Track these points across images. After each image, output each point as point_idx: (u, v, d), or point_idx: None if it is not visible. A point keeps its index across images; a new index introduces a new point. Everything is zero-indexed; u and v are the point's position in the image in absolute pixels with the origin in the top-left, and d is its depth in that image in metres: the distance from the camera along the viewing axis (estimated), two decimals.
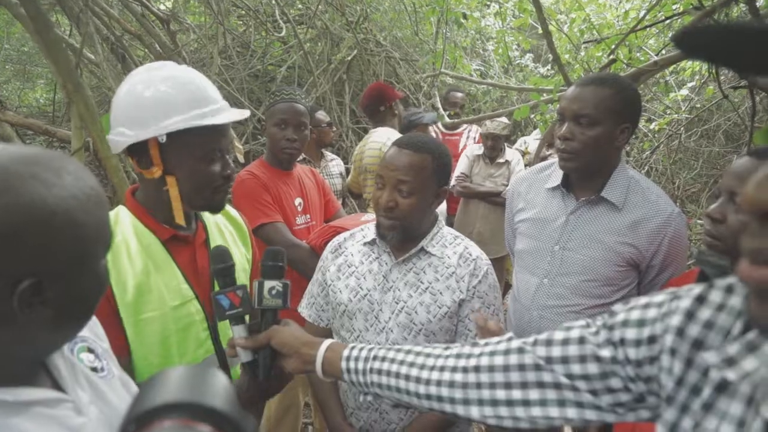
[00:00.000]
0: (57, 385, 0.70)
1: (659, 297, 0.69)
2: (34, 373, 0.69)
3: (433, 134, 4.11)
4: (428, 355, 0.86)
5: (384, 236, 1.37)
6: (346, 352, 0.95)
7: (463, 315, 1.36)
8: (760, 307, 0.50)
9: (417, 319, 1.34)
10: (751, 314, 0.51)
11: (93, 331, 0.86)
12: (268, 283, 1.05)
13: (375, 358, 0.91)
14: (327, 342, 1.00)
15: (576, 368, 0.73)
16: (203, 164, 1.13)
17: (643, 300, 0.71)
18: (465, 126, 4.08)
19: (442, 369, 0.83)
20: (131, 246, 1.13)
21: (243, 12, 5.22)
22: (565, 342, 0.75)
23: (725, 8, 2.31)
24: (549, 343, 0.76)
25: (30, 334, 0.63)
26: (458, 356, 0.83)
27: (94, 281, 0.68)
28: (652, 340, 0.66)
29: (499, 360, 0.79)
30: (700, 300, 0.64)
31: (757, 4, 2.09)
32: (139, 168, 1.14)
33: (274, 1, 4.74)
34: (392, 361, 0.89)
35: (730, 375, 0.54)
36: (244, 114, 1.23)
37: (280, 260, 1.08)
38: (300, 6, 5.33)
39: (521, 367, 0.77)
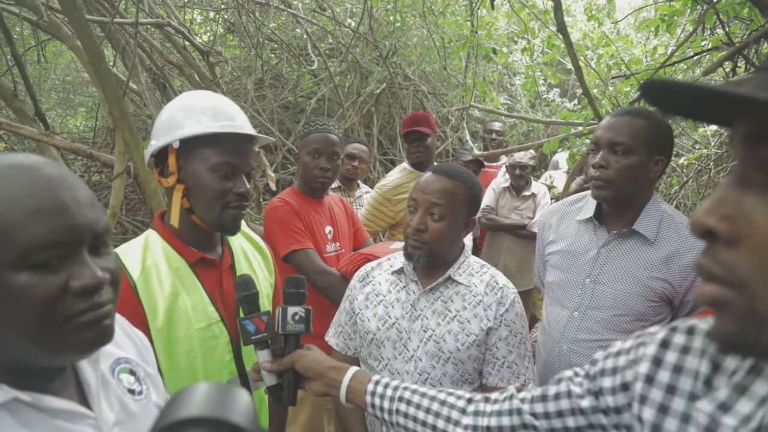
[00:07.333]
0: (85, 401, 0.71)
1: (628, 343, 0.72)
2: (61, 384, 0.69)
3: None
4: (452, 407, 0.92)
5: (411, 256, 1.38)
6: (370, 387, 1.00)
7: (490, 343, 1.36)
8: (715, 321, 0.50)
9: (445, 348, 1.33)
10: (713, 331, 0.51)
11: (141, 354, 0.86)
12: (291, 309, 1.10)
13: (401, 399, 0.96)
14: (353, 369, 1.05)
15: (569, 421, 0.77)
16: (213, 176, 1.15)
17: (617, 347, 0.73)
18: (503, 159, 4.07)
19: (465, 427, 0.89)
20: (161, 269, 1.16)
21: (276, 45, 5.42)
22: (557, 397, 0.79)
23: (755, 45, 2.31)
24: (544, 399, 0.81)
25: None
26: (476, 414, 0.89)
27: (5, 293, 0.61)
28: (625, 387, 0.69)
29: (505, 421, 0.86)
30: (665, 345, 0.65)
31: None
32: (159, 177, 1.21)
33: (306, 35, 4.91)
34: (418, 407, 0.94)
35: (730, 421, 0.54)
36: (267, 139, 1.27)
37: (301, 287, 1.13)
38: (331, 40, 5.50)
39: (518, 428, 0.84)
